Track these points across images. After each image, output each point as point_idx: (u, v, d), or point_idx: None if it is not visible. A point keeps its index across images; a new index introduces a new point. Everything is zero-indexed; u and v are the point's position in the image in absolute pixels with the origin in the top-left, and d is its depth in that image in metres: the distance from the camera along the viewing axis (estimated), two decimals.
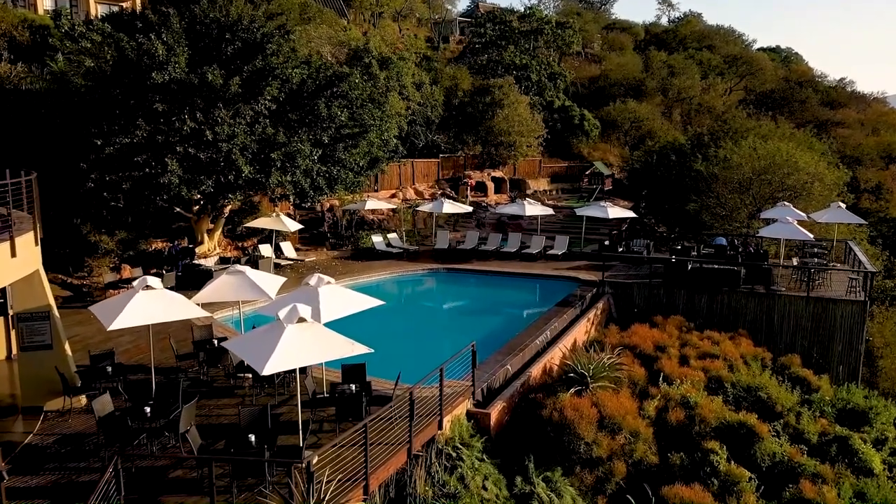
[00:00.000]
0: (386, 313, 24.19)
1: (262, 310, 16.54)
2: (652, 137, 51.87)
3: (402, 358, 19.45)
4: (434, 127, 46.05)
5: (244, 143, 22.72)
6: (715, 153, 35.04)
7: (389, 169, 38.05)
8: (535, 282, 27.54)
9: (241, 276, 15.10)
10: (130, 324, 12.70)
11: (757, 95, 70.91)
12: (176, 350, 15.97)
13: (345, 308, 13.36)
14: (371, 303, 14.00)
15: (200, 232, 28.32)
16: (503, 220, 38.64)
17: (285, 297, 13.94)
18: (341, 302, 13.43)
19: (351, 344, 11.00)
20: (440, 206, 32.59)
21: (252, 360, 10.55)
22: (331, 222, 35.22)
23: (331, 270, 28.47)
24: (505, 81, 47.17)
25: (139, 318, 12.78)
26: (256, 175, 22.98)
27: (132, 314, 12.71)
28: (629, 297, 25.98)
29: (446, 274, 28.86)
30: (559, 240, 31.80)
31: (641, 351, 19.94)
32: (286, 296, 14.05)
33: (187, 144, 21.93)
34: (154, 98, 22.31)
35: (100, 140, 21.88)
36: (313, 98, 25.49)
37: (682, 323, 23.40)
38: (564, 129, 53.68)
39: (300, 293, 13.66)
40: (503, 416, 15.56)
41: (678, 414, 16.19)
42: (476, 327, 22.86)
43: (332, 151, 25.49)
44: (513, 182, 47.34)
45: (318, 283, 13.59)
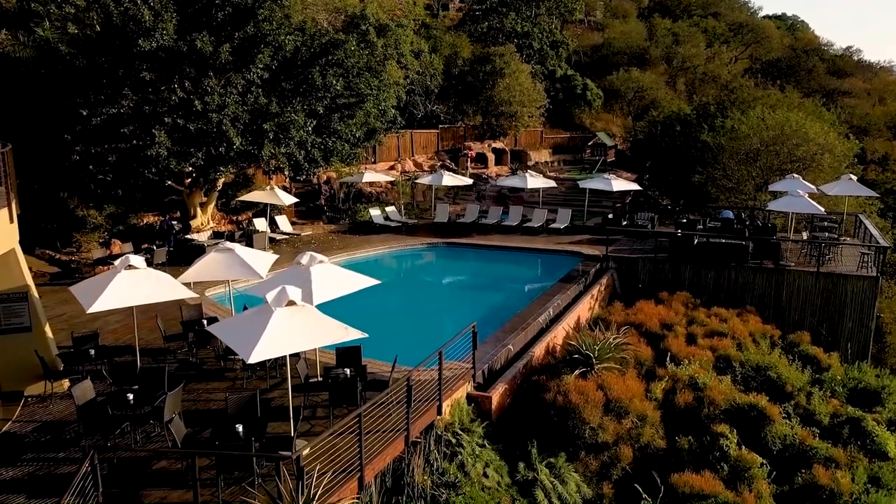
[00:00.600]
0: (384, 290, 23.51)
1: (254, 288, 15.87)
2: (656, 107, 50.72)
3: (400, 337, 18.90)
4: (433, 97, 44.95)
5: (235, 114, 21.84)
6: (722, 123, 34.11)
7: (387, 140, 37.08)
8: (537, 256, 26.85)
9: (230, 253, 14.38)
10: (111, 306, 12.01)
11: (763, 64, 69.51)
12: (164, 331, 15.31)
13: (338, 289, 12.67)
14: (366, 282, 13.31)
15: (193, 206, 27.52)
16: (504, 193, 37.85)
17: (276, 277, 13.25)
18: (334, 282, 12.73)
19: (344, 328, 10.32)
20: (439, 179, 31.76)
21: (238, 346, 9.88)
22: (327, 195, 34.42)
23: (327, 245, 27.80)
24: (506, 50, 45.98)
25: (121, 300, 12.09)
26: (248, 147, 22.13)
27: (113, 296, 12.02)
28: (634, 272, 25.30)
29: (446, 248, 28.14)
30: (562, 213, 31.04)
31: (647, 329, 19.31)
32: (276, 275, 13.35)
33: (176, 115, 21.05)
34: (141, 66, 21.37)
35: (85, 110, 21.02)
36: (307, 66, 24.53)
37: (688, 299, 22.75)
38: (566, 99, 52.55)
39: (291, 273, 12.96)
40: (505, 399, 14.96)
41: (686, 396, 15.60)
42: (477, 304, 22.26)
43: (328, 122, 24.59)
44: (514, 153, 46.40)
45: (311, 261, 12.88)
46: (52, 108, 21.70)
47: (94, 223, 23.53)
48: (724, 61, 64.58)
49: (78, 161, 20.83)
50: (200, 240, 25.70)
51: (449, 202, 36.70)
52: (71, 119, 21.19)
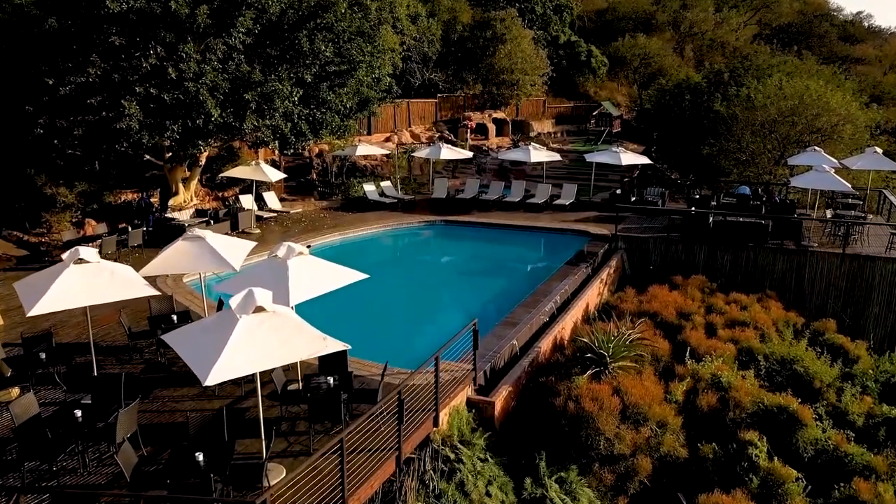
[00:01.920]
0: (376, 275, 21.76)
1: (225, 284, 14.23)
2: (663, 75, 48.67)
3: (393, 329, 17.37)
4: (431, 64, 42.89)
5: (214, 83, 20.00)
6: (736, 92, 32.24)
7: (383, 110, 35.18)
8: (541, 236, 25.20)
9: (199, 242, 12.73)
10: (55, 307, 10.41)
11: (773, 30, 67.09)
12: (128, 327, 13.71)
13: (320, 285, 11.06)
14: (352, 277, 11.69)
15: (175, 182, 25.78)
16: (505, 166, 36.07)
17: (248, 271, 11.63)
18: (315, 278, 11.11)
19: (322, 339, 8.73)
20: (438, 152, 29.96)
21: (195, 363, 8.29)
22: (319, 169, 32.64)
23: (318, 223, 26.17)
24: (507, 14, 43.76)
25: (66, 300, 10.48)
26: (229, 119, 20.33)
27: (58, 296, 10.42)
28: (644, 252, 23.69)
29: (444, 227, 26.47)
30: (566, 188, 29.32)
31: (663, 319, 17.76)
32: (249, 269, 11.72)
33: (148, 84, 19.23)
34: (110, 30, 19.49)
35: (51, 79, 19.21)
36: (294, 31, 22.61)
37: (703, 283, 21.17)
38: (570, 67, 50.45)
39: (266, 267, 11.33)
40: (509, 403, 13.45)
41: (709, 398, 14.10)
42: (477, 290, 20.70)
43: (316, 92, 22.73)
44: (515, 124, 44.48)
45: (288, 254, 11.24)
46: (13, 77, 19.89)
47: (65, 202, 21.80)
48: (731, 27, 62.22)
49: (42, 135, 19.05)
50: (181, 219, 24.07)
51: (448, 176, 34.93)
52: (35, 89, 19.40)
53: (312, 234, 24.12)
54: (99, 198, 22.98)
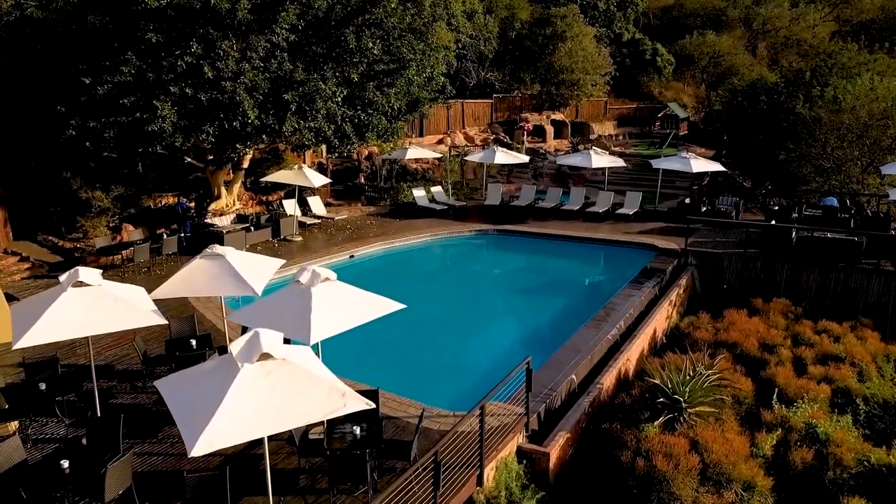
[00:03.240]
0: (420, 290, 20.35)
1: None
2: (734, 74, 45.74)
3: (435, 354, 15.68)
4: (487, 63, 41.15)
5: (253, 82, 18.73)
6: (820, 92, 29.47)
7: (435, 112, 33.65)
8: (602, 249, 23.17)
9: (219, 261, 11.33)
10: (45, 339, 9.11)
11: (853, 27, 62.86)
12: (142, 352, 12.41)
13: (347, 318, 9.47)
14: (386, 308, 10.06)
15: (217, 185, 24.76)
16: (564, 171, 34.05)
17: (265, 300, 10.13)
18: (343, 309, 9.53)
19: (341, 395, 7.13)
20: (492, 156, 28.19)
21: (183, 423, 6.80)
22: (368, 173, 31.29)
23: (363, 230, 24.76)
24: (569, 11, 41.69)
25: (59, 331, 9.17)
26: (268, 121, 19.03)
27: (49, 325, 9.11)
28: (718, 270, 21.44)
29: (497, 237, 24.70)
30: (630, 196, 27.16)
31: (743, 352, 15.60)
32: (268, 296, 10.22)
33: (184, 84, 18.08)
34: (147, 27, 18.45)
35: (88, 77, 18.25)
36: (341, 27, 21.22)
37: (787, 308, 18.84)
38: (634, 66, 47.97)
39: (287, 295, 9.81)
40: (566, 453, 11.64)
41: (804, 453, 11.98)
42: (531, 311, 18.85)
43: (362, 92, 21.26)
44: (574, 126, 42.38)
45: (313, 280, 9.69)
46: (48, 76, 19.05)
47: (101, 206, 20.91)
48: (808, 23, 58.44)
49: (74, 137, 18.10)
50: (221, 224, 22.96)
51: (502, 181, 33.16)
52: (69, 88, 18.50)
53: (356, 243, 22.72)
54: (137, 202, 22.06)
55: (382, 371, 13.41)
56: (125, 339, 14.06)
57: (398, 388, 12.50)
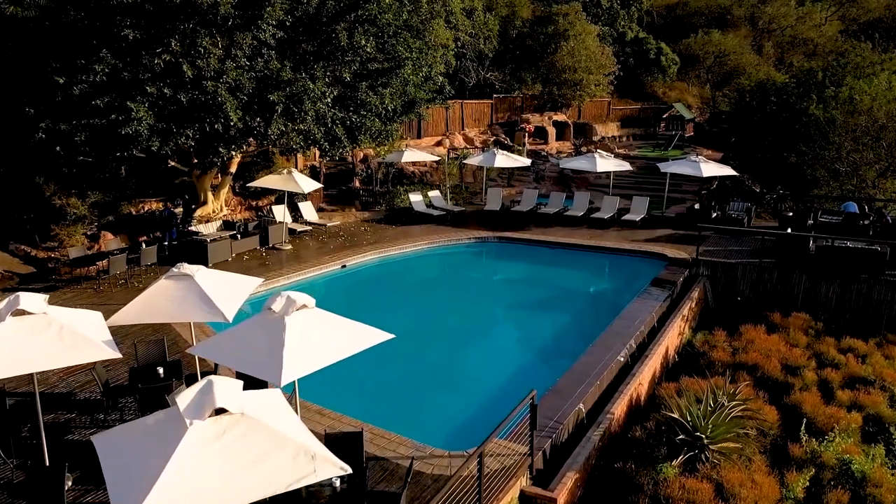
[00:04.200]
0: (414, 305, 19.08)
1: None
2: (740, 74, 44.56)
3: (430, 378, 14.42)
4: (487, 63, 39.92)
5: (237, 81, 17.52)
6: (834, 93, 28.28)
7: (434, 112, 32.41)
8: (609, 258, 21.95)
9: (186, 283, 10.13)
10: None
11: (860, 25, 61.63)
12: (103, 381, 11.18)
13: (327, 353, 8.26)
14: (372, 339, 8.84)
15: (204, 190, 23.58)
16: (566, 174, 32.86)
17: (232, 332, 8.89)
18: (322, 342, 8.32)
19: (310, 460, 5.91)
20: (492, 159, 26.98)
21: (116, 496, 5.58)
22: (363, 176, 30.07)
23: (357, 237, 23.55)
24: (571, 8, 40.49)
25: None
26: (253, 123, 17.82)
27: None
28: (731, 281, 20.23)
29: (497, 245, 23.49)
30: (637, 202, 25.96)
31: (765, 374, 14.39)
32: (234, 330, 8.98)
33: (162, 83, 16.86)
34: (124, 23, 17.22)
35: (62, 77, 17.04)
36: (333, 23, 20.02)
37: (807, 323, 17.63)
38: (637, 65, 46.77)
39: (258, 326, 8.59)
40: (574, 495, 10.43)
41: (840, 496, 10.75)
42: (535, 328, 17.58)
43: (354, 92, 20.05)
44: (577, 127, 41.16)
45: (287, 308, 8.47)
46: (21, 76, 17.82)
47: (76, 213, 19.69)
48: (815, 22, 57.20)
49: (44, 140, 16.88)
50: (206, 232, 21.75)
51: (503, 184, 31.96)
52: (42, 88, 17.29)
53: (349, 252, 21.51)
54: (116, 208, 20.85)
55: (369, 399, 12.23)
56: (87, 364, 12.84)
57: (386, 418, 11.31)
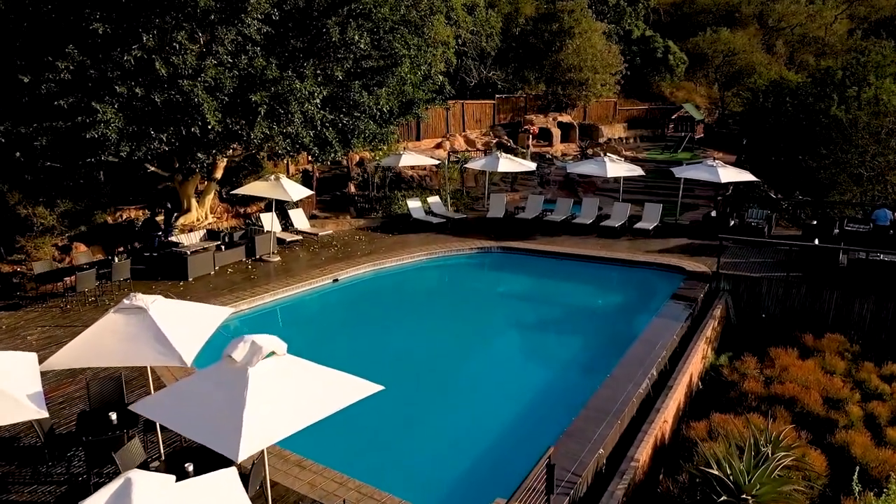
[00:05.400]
0: (409, 326, 17.33)
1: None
2: (749, 74, 43.03)
3: (424, 418, 12.69)
4: (489, 61, 38.37)
5: (217, 80, 15.94)
6: (856, 93, 26.75)
7: (433, 114, 30.86)
8: (622, 272, 20.36)
9: (139, 318, 8.53)
10: None
11: (870, 24, 60.05)
12: (45, 429, 9.54)
13: (298, 415, 6.67)
14: (355, 394, 7.26)
15: (187, 196, 22.04)
16: (573, 178, 31.30)
17: (179, 391, 7.30)
18: (293, 401, 6.74)
19: None
20: (495, 163, 25.43)
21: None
22: (359, 181, 28.50)
23: (351, 247, 22.01)
24: (576, 5, 38.90)
25: None
26: (234, 126, 16.25)
27: None
28: (755, 297, 18.67)
29: (501, 256, 21.92)
30: (649, 209, 24.39)
31: (804, 409, 12.82)
32: (185, 384, 7.39)
33: (133, 82, 15.29)
34: (93, 16, 15.67)
35: (28, 76, 15.49)
36: (324, 18, 18.47)
37: (842, 345, 16.07)
38: (644, 65, 45.21)
39: (214, 380, 7.01)
40: None
41: None
42: (545, 354, 15.95)
43: (346, 91, 18.48)
44: (582, 128, 39.61)
45: (251, 357, 6.88)
46: None
47: (44, 224, 18.11)
48: (826, 20, 55.62)
49: (3, 145, 15.32)
50: (188, 242, 20.19)
51: (506, 189, 30.43)
52: (5, 89, 15.76)
53: (342, 264, 19.95)
54: (89, 217, 19.26)
55: (355, 442, 10.61)
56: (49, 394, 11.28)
57: (376, 469, 9.77)
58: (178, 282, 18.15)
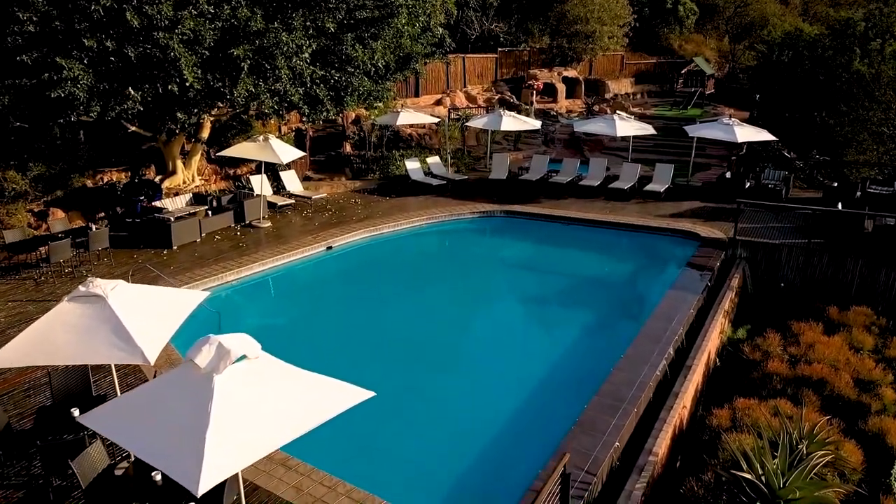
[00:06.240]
0: (407, 298, 16.13)
1: None
2: (762, 26, 41.21)
3: (422, 404, 11.65)
4: (491, 12, 36.58)
5: (196, 32, 14.59)
6: (880, 46, 25.28)
7: (432, 69, 29.39)
8: (632, 237, 19.26)
9: (96, 308, 7.47)
10: None
11: None
12: (1, 426, 8.56)
13: (275, 433, 5.66)
14: (342, 403, 6.21)
15: (172, 157, 20.83)
16: (578, 136, 29.93)
17: (131, 403, 6.26)
18: (267, 415, 5.72)
19: None
20: (498, 122, 24.12)
21: None
22: (355, 139, 27.18)
23: (347, 211, 20.91)
24: None
25: None
26: (216, 83, 14.95)
27: None
28: (773, 265, 17.64)
29: (504, 221, 20.81)
30: (660, 170, 23.17)
31: (835, 391, 11.87)
32: (141, 394, 6.36)
33: (103, 35, 13.95)
34: None
35: None
36: None
37: (869, 318, 15.06)
38: (653, 16, 43.28)
39: (175, 390, 5.98)
40: None
41: None
42: (550, 334, 14.87)
43: (338, 45, 17.10)
44: (588, 83, 38.02)
45: (217, 362, 5.83)
46: None
47: (16, 189, 16.93)
48: None
49: None
50: (173, 207, 19.07)
51: (509, 147, 29.13)
52: None
53: (336, 230, 18.86)
54: (66, 181, 18.08)
55: (346, 438, 9.64)
56: (5, 386, 10.33)
57: (369, 468, 8.85)
58: (162, 250, 17.09)
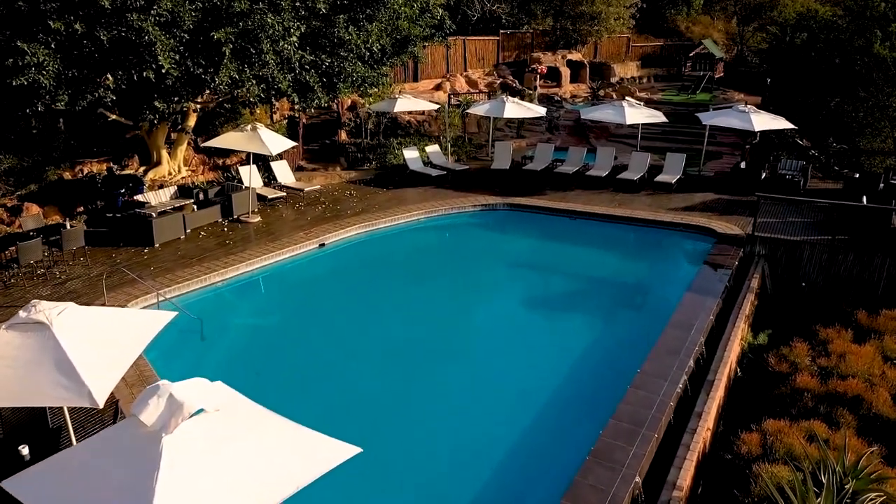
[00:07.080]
0: (404, 301, 14.96)
1: None
2: (772, 7, 39.83)
3: (414, 424, 10.62)
4: None
5: (175, 14, 13.41)
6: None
7: (432, 52, 28.14)
8: (644, 233, 18.15)
9: (38, 337, 6.40)
10: None
11: None
12: None
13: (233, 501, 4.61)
14: (322, 465, 5.15)
15: (156, 147, 19.71)
16: (583, 122, 28.73)
17: (69, 465, 5.20)
18: (228, 486, 4.67)
19: None
20: (500, 109, 22.93)
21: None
22: (351, 127, 25.99)
23: (341, 204, 19.82)
24: None
25: None
26: (196, 70, 13.78)
27: None
28: (794, 263, 16.59)
29: (507, 215, 19.70)
30: (671, 160, 22.02)
31: (871, 410, 10.82)
32: (80, 452, 5.31)
33: (71, 17, 12.77)
34: None
35: None
36: None
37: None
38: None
39: (115, 453, 4.93)
40: None
41: None
42: (559, 343, 13.56)
43: (330, 27, 15.90)
44: (593, 67, 36.73)
45: (167, 419, 4.77)
46: None
47: None
48: None
49: None
50: (155, 202, 17.95)
51: (512, 135, 27.95)
52: None
53: (329, 225, 17.78)
54: (40, 174, 16.96)
55: None
56: None
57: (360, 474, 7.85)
58: (143, 248, 16.00)
